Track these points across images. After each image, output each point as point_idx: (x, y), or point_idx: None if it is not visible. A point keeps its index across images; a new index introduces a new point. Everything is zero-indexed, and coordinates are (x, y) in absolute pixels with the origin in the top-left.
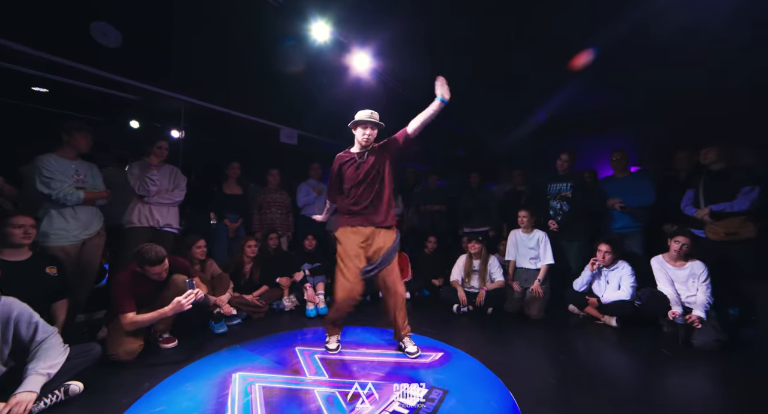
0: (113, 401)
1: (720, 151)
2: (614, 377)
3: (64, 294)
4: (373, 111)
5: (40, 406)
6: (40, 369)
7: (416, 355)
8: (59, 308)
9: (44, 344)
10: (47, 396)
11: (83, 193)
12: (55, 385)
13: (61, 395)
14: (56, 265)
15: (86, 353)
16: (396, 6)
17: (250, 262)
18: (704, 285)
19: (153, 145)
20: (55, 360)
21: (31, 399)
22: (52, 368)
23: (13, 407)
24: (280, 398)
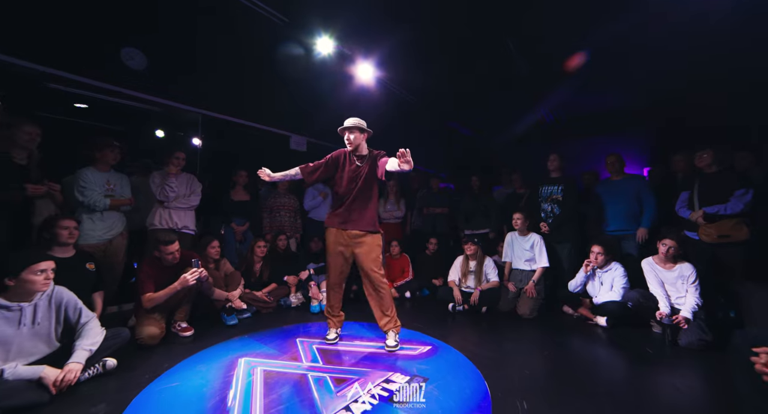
0: (139, 376)
1: (715, 154)
2: (591, 371)
3: (100, 286)
4: (359, 119)
5: (85, 376)
6: (85, 345)
7: (395, 349)
8: (97, 298)
9: (87, 326)
10: (90, 368)
11: (110, 201)
12: (95, 360)
13: (100, 368)
14: (94, 261)
15: (118, 335)
16: (396, 17)
17: (259, 262)
18: (693, 287)
19: (171, 155)
20: (96, 338)
21: (79, 368)
22: (93, 345)
23: (67, 373)
24: (276, 379)
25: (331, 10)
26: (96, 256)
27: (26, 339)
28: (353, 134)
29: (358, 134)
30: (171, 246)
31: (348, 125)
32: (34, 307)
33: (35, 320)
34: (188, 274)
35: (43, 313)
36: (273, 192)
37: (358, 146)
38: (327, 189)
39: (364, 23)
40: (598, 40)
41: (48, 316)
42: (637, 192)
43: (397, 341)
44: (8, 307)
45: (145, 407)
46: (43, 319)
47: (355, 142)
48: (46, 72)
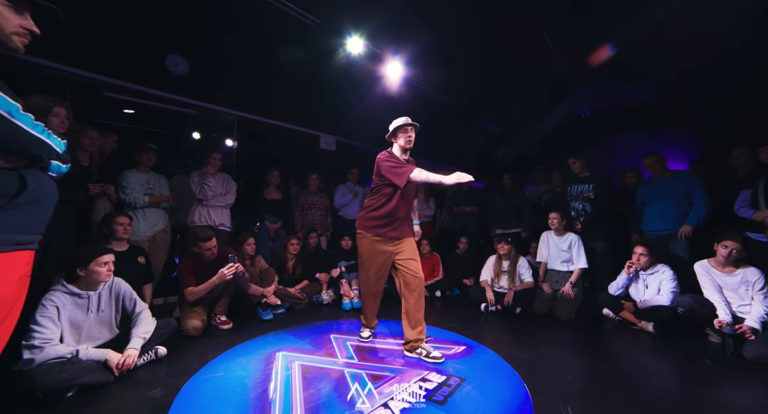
0: (187, 364)
1: None
2: (639, 380)
3: (150, 279)
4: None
5: (140, 361)
6: (140, 333)
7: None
8: (147, 290)
9: (141, 315)
10: (144, 355)
11: (148, 198)
12: (149, 347)
13: (152, 355)
14: (145, 255)
15: (167, 325)
16: (425, 14)
17: (292, 259)
18: (761, 294)
19: (209, 156)
20: (149, 327)
21: (136, 354)
22: (147, 333)
23: (126, 358)
24: (314, 374)
25: (361, 10)
26: (146, 251)
27: (93, 324)
28: (410, 132)
29: (412, 132)
30: (209, 242)
31: (405, 123)
32: (98, 296)
33: (99, 308)
34: (225, 269)
35: (106, 302)
36: (304, 191)
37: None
38: (357, 187)
39: (394, 22)
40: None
41: (109, 305)
42: (687, 189)
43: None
44: (80, 294)
45: (194, 393)
46: (105, 307)
47: (413, 139)
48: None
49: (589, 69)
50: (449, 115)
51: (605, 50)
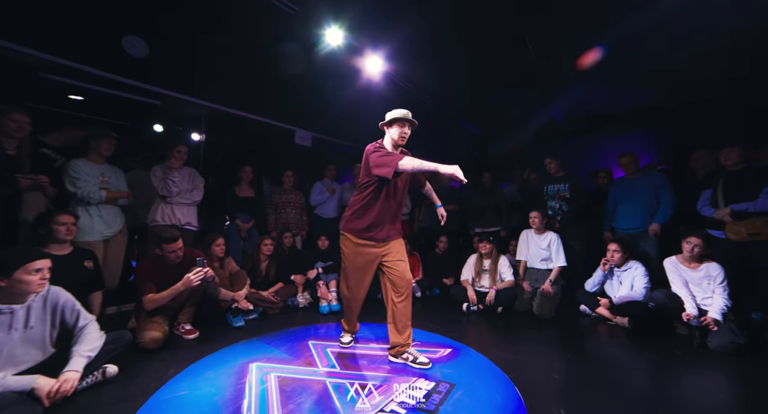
0: (143, 384)
1: (741, 151)
2: (621, 376)
3: (99, 286)
4: (407, 111)
5: (83, 385)
6: (83, 351)
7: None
8: (95, 299)
9: (85, 329)
10: (88, 376)
11: (105, 193)
12: (94, 367)
13: (99, 376)
14: (93, 259)
15: (119, 339)
16: (407, 9)
17: (266, 260)
18: (720, 287)
19: (173, 149)
20: (95, 344)
21: (76, 377)
22: (92, 351)
23: (62, 383)
24: (293, 387)
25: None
26: (95, 254)
27: (17, 345)
28: (406, 128)
29: (409, 128)
30: (174, 244)
31: (403, 116)
32: (27, 310)
33: (28, 324)
34: (192, 274)
35: (37, 316)
36: (278, 188)
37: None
38: (335, 185)
39: (376, 13)
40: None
41: (42, 320)
42: (656, 189)
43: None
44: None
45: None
46: (36, 322)
47: (407, 136)
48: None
49: (567, 72)
50: (429, 114)
51: (593, 53)
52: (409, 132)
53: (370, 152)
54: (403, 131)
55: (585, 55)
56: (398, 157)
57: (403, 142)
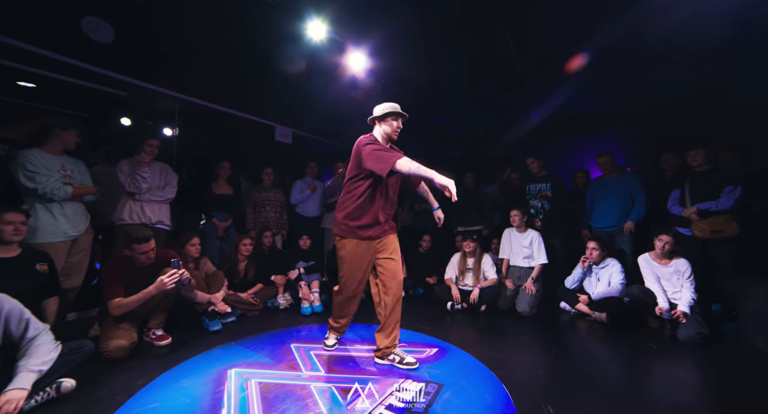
0: (106, 398)
1: (707, 153)
2: (601, 370)
3: (55, 291)
4: (396, 104)
5: (31, 404)
6: (32, 366)
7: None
8: (50, 305)
9: (35, 341)
10: (39, 393)
11: (71, 188)
12: (46, 382)
13: (53, 392)
14: (47, 262)
15: (79, 350)
16: (392, 5)
17: (244, 261)
18: (688, 281)
19: (144, 142)
20: (47, 357)
21: (22, 396)
22: (43, 365)
23: (5, 405)
24: (276, 393)
25: None
26: (50, 256)
27: None
28: (400, 122)
29: (401, 123)
30: (145, 244)
31: (399, 110)
32: None
33: None
34: (166, 277)
35: None
36: (257, 186)
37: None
38: (316, 182)
39: (359, 6)
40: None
41: None
42: (631, 189)
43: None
44: None
45: None
46: None
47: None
48: None
49: (546, 72)
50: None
51: (581, 57)
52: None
53: (363, 144)
54: (398, 125)
55: (571, 59)
56: (396, 155)
57: (396, 137)
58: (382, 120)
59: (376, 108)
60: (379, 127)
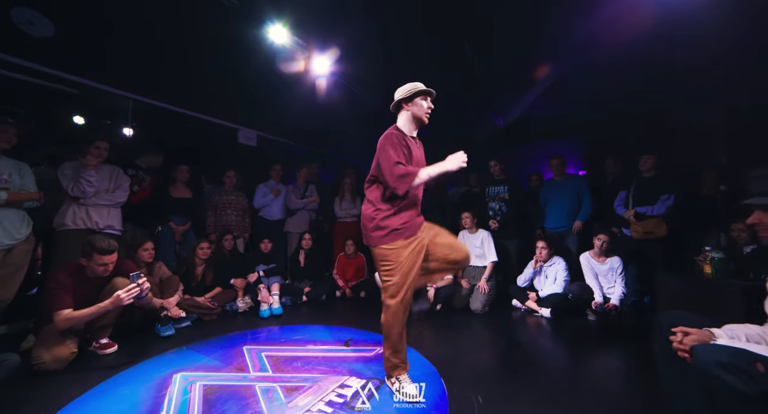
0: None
1: (656, 160)
2: (539, 361)
3: None
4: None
5: None
6: None
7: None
8: None
9: None
10: None
11: (6, 194)
12: None
13: None
14: None
15: (0, 364)
16: (352, 9)
17: (202, 264)
18: (620, 277)
19: (91, 144)
20: None
21: None
22: None
23: None
24: (219, 395)
25: None
26: None
27: None
28: (429, 101)
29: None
30: (108, 256)
31: (427, 88)
32: None
33: None
34: (123, 292)
35: None
36: (219, 189)
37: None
38: (280, 186)
39: (319, 12)
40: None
41: None
42: (578, 190)
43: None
44: None
45: None
46: None
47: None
48: None
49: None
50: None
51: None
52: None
53: (386, 146)
54: (428, 105)
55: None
56: (415, 171)
57: (427, 120)
58: (410, 101)
59: (399, 90)
60: (406, 111)
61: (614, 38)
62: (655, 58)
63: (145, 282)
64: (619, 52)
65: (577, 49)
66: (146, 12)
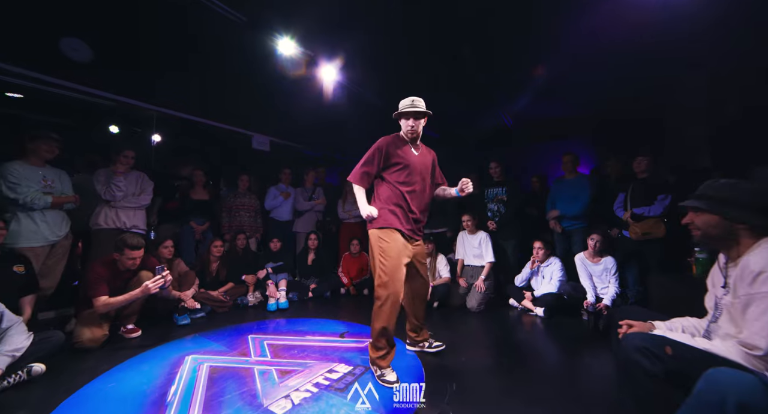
0: (72, 381)
1: (650, 161)
2: (522, 356)
3: (32, 290)
4: (415, 98)
5: (4, 384)
6: (6, 351)
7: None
8: (27, 303)
9: (10, 331)
10: (11, 375)
11: (51, 198)
12: (19, 367)
13: (24, 375)
14: (23, 263)
15: (49, 339)
16: (357, 21)
17: (216, 261)
18: (614, 278)
19: (120, 154)
20: (20, 344)
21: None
22: (16, 351)
23: None
24: (221, 374)
25: (291, 10)
26: (30, 259)
27: None
28: (411, 121)
29: (414, 120)
30: (137, 251)
31: (405, 109)
32: None
33: None
34: (150, 282)
35: None
36: (233, 191)
37: (418, 135)
38: (289, 189)
39: (326, 24)
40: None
41: None
42: (583, 190)
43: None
44: None
45: (73, 409)
46: None
47: (416, 129)
48: None
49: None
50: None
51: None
52: (420, 123)
53: (372, 146)
54: (408, 124)
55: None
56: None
57: (412, 136)
58: (398, 120)
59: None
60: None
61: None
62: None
63: (168, 274)
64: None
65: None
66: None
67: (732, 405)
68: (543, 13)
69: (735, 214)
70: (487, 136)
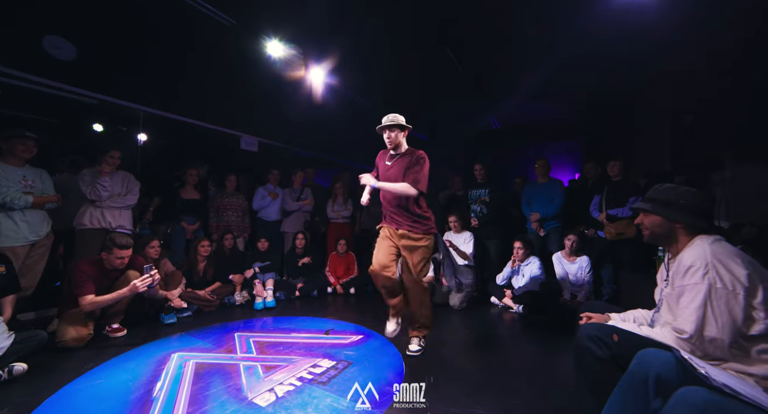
0: (55, 379)
1: (622, 165)
2: (497, 350)
3: (12, 290)
4: (396, 114)
5: None
6: None
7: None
8: (7, 303)
9: None
10: None
11: (32, 198)
12: (0, 366)
13: (5, 375)
14: (4, 264)
15: (31, 338)
16: (344, 25)
17: (203, 261)
18: (588, 276)
19: (105, 154)
20: (2, 343)
21: None
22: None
23: None
24: (207, 370)
25: (279, 13)
26: (11, 259)
27: None
28: (385, 132)
29: (389, 132)
30: (126, 250)
31: (383, 123)
32: None
33: None
34: (138, 281)
35: None
36: (221, 192)
37: (398, 145)
38: (277, 190)
39: (314, 28)
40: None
41: None
42: (555, 193)
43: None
44: None
45: (57, 406)
46: None
47: (393, 139)
48: None
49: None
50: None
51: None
52: (392, 135)
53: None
54: (386, 136)
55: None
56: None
57: (391, 146)
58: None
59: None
60: None
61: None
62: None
63: (156, 273)
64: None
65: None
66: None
67: (653, 378)
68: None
69: (674, 215)
70: (474, 138)
